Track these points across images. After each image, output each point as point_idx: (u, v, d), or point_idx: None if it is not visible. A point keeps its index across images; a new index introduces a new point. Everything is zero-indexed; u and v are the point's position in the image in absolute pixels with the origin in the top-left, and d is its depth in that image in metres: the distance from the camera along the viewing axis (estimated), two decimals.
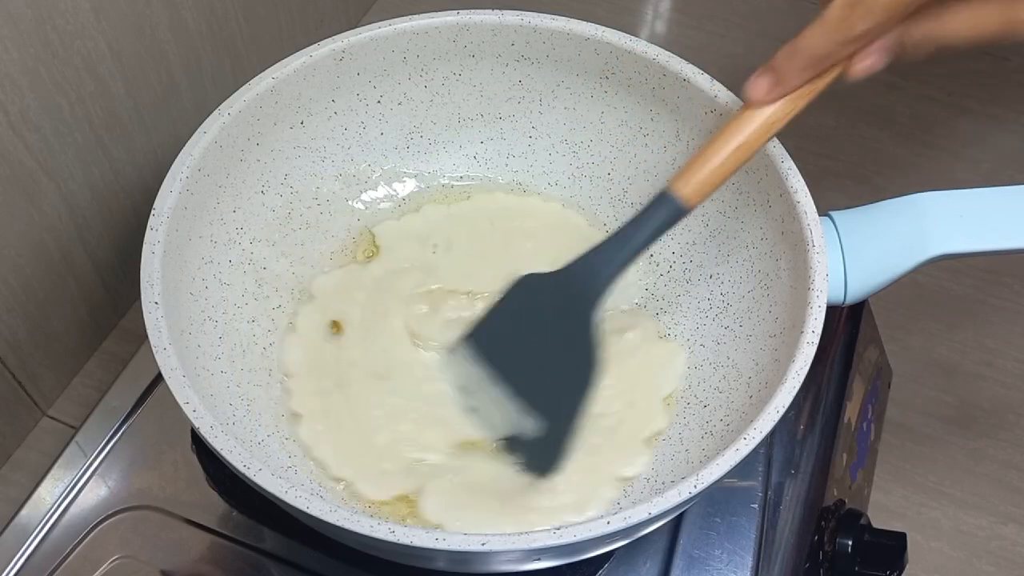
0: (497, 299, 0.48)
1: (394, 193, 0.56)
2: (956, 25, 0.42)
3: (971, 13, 0.42)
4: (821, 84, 0.43)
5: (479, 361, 0.47)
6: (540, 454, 0.46)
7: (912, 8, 0.41)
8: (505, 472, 0.47)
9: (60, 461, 0.52)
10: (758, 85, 0.44)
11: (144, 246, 0.44)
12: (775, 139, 0.47)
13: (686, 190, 0.44)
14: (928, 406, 0.66)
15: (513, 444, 0.47)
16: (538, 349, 0.47)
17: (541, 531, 0.37)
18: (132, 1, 0.53)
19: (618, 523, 0.37)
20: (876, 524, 0.51)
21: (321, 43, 0.51)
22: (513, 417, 0.46)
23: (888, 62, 0.43)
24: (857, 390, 0.57)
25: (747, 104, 0.44)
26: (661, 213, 0.45)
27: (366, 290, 0.53)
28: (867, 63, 0.42)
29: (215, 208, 0.49)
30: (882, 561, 0.50)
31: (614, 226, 0.55)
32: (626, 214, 0.55)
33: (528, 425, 0.46)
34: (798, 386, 0.41)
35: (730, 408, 0.46)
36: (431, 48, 0.53)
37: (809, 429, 0.52)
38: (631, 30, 0.51)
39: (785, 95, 0.44)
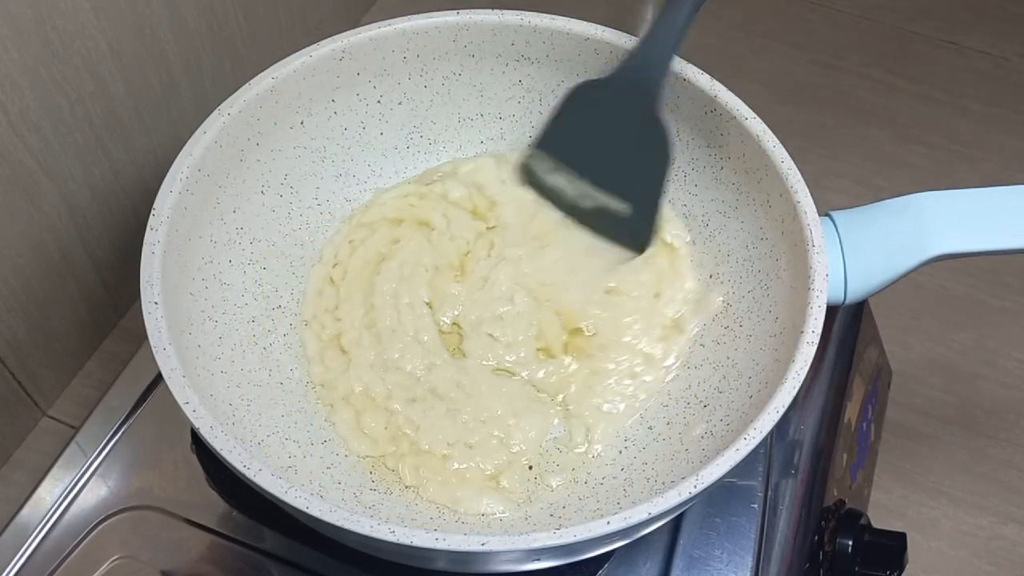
0: (555, 109, 0.50)
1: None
2: None
3: None
4: None
5: (556, 164, 0.50)
6: (634, 232, 0.49)
7: None
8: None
9: (60, 461, 0.52)
10: None
11: (144, 246, 0.44)
12: (775, 139, 0.47)
13: None
14: (928, 406, 0.66)
15: (606, 225, 0.50)
16: (609, 145, 0.49)
17: (541, 531, 0.37)
18: (132, 1, 0.53)
19: (618, 523, 0.37)
20: (876, 524, 0.51)
21: (321, 43, 0.51)
22: (602, 202, 0.49)
23: None
24: (857, 390, 0.57)
25: None
26: None
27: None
28: None
29: (215, 208, 0.49)
30: (882, 561, 0.50)
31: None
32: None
33: (617, 207, 0.49)
34: (798, 386, 0.41)
35: (730, 408, 0.46)
36: (431, 48, 0.53)
37: (809, 429, 0.52)
38: (631, 30, 0.51)
39: None
